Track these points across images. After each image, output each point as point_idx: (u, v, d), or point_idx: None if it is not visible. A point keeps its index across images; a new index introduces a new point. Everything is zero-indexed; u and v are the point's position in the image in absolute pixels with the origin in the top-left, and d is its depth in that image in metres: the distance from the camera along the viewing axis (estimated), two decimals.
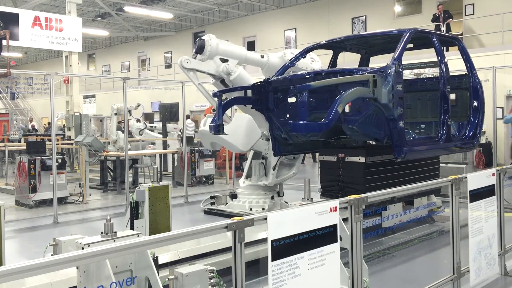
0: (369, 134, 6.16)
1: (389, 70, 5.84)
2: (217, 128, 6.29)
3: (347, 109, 5.85)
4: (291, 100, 6.09)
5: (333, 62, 7.89)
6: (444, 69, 6.63)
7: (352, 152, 6.60)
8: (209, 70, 7.64)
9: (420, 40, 7.23)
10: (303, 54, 7.45)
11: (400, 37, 6.39)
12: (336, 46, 7.81)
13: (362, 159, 6.41)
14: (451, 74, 6.88)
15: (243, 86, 7.00)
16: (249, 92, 6.57)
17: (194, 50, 7.74)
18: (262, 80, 6.53)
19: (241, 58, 7.87)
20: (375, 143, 6.70)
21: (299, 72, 6.87)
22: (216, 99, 6.73)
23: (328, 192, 6.85)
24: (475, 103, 7.20)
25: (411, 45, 7.60)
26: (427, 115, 7.74)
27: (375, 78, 5.65)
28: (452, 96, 7.47)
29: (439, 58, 6.71)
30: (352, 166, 6.52)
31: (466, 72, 7.33)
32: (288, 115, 6.10)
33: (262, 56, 8.13)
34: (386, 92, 5.72)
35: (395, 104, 5.80)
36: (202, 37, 7.68)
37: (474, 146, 7.47)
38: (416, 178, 6.71)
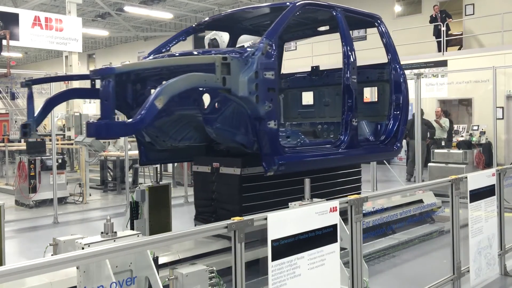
0: (233, 138, 4.81)
1: (253, 52, 4.36)
2: (24, 129, 4.55)
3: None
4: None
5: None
6: (348, 54, 5.27)
7: (227, 162, 5.08)
8: None
9: (330, 21, 5.73)
10: (178, 38, 6.08)
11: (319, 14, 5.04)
12: (233, 27, 6.27)
13: (237, 170, 4.94)
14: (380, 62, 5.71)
15: (82, 74, 5.49)
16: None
17: None
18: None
19: (253, 38, 7.92)
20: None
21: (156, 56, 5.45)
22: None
23: (201, 215, 5.45)
24: (397, 99, 5.88)
25: (326, 28, 6.38)
26: None
27: (226, 61, 4.14)
28: (370, 90, 6.37)
29: (343, 42, 5.31)
30: (227, 179, 5.03)
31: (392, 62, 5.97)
32: None
33: None
34: (245, 81, 4.23)
35: (260, 98, 4.32)
36: (211, 37, 7.66)
37: (394, 152, 6.08)
38: (321, 195, 4.72)
